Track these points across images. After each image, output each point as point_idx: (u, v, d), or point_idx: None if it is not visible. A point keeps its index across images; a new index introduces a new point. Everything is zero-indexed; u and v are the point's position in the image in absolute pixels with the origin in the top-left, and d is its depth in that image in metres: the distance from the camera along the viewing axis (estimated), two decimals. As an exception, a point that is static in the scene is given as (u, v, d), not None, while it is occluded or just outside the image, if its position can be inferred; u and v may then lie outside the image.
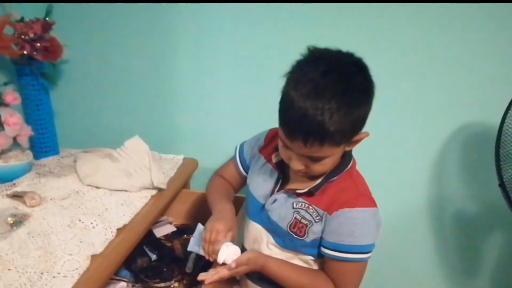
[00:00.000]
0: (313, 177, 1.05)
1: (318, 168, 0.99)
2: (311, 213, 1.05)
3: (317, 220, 1.04)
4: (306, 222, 1.05)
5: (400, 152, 1.56)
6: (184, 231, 1.51)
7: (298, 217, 1.07)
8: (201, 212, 1.10)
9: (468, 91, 1.44)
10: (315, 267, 1.13)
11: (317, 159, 0.96)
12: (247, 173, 1.26)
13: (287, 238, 1.09)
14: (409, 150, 1.55)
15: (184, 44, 1.58)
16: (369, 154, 1.53)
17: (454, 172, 1.56)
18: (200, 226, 1.12)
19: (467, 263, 1.69)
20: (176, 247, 1.45)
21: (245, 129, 1.35)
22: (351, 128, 0.93)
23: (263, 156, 1.19)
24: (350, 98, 0.89)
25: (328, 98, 0.86)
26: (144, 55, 1.62)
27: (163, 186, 1.36)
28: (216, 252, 1.04)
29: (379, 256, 1.70)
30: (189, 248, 1.12)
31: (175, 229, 1.51)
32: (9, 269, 0.95)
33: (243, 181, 1.29)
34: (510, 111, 1.20)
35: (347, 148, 1.03)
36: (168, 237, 1.49)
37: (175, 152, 1.65)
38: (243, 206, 1.26)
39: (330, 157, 0.97)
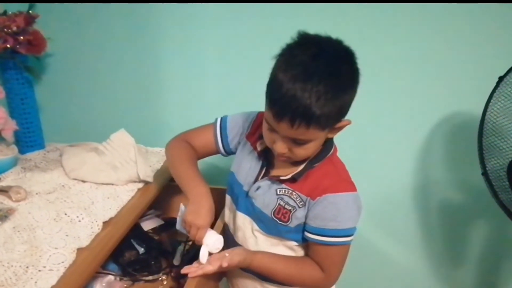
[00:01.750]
0: (295, 163, 1.06)
1: (301, 152, 1.00)
2: (295, 199, 1.06)
3: (300, 206, 1.06)
4: (290, 208, 1.07)
5: (385, 142, 1.58)
6: (171, 224, 1.50)
7: (281, 203, 1.08)
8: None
9: (452, 82, 1.46)
10: (300, 252, 1.14)
11: (301, 143, 0.97)
12: (224, 149, 1.24)
13: (271, 224, 1.10)
14: (393, 140, 1.58)
15: (172, 38, 1.58)
16: (354, 144, 1.56)
17: (438, 162, 1.58)
18: (182, 207, 1.13)
19: (453, 251, 1.72)
20: (164, 240, 1.45)
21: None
22: (337, 113, 0.95)
23: (250, 143, 1.18)
24: (337, 83, 0.91)
25: (316, 81, 0.88)
26: (130, 48, 1.61)
27: (150, 179, 1.36)
28: (201, 242, 1.06)
29: (364, 245, 1.73)
30: (177, 227, 1.15)
31: (162, 222, 1.51)
32: (-6, 264, 0.94)
33: (212, 153, 1.27)
34: (491, 102, 1.22)
35: (330, 135, 1.04)
36: (155, 230, 1.49)
37: (161, 145, 1.64)
38: (227, 195, 1.25)
39: (314, 141, 0.98)
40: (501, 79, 1.20)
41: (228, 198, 1.24)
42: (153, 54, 1.61)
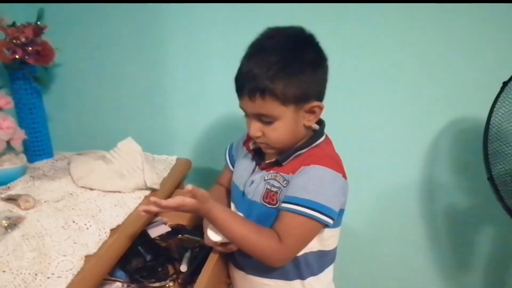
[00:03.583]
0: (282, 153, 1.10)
1: (272, 134, 1.04)
2: (279, 180, 1.08)
3: (284, 185, 1.07)
4: (276, 189, 1.08)
5: (391, 147, 1.59)
6: (178, 231, 1.51)
7: (268, 187, 1.10)
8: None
9: (456, 87, 1.47)
10: None
11: (268, 121, 1.02)
12: (233, 167, 1.30)
13: (262, 214, 1.10)
14: (399, 145, 1.58)
15: (177, 45, 1.59)
16: (359, 148, 1.56)
17: (444, 166, 1.58)
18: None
19: (459, 256, 1.71)
20: (170, 247, 1.46)
21: (238, 129, 1.36)
22: (294, 88, 0.98)
23: (245, 147, 1.24)
24: (290, 56, 0.98)
25: (267, 54, 0.98)
26: (137, 57, 1.63)
27: (156, 187, 1.37)
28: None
29: (370, 248, 1.74)
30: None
31: (169, 229, 1.51)
32: (3, 271, 0.95)
33: None
34: (495, 107, 1.22)
35: (305, 121, 1.06)
36: (162, 237, 1.50)
37: (168, 153, 1.66)
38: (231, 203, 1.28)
39: (280, 120, 1.02)
40: (505, 84, 1.20)
41: (232, 205, 1.26)
42: (159, 63, 1.62)
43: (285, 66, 0.96)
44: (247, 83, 1.00)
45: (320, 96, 1.06)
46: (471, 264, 1.70)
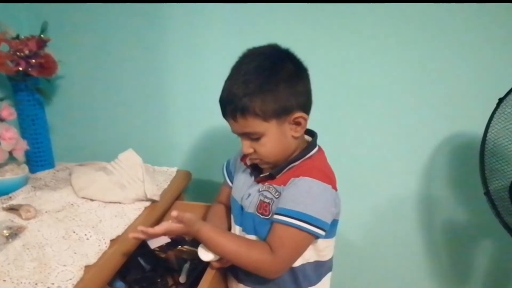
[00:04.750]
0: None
1: (262, 149, 1.07)
2: (271, 192, 1.10)
3: (276, 197, 1.08)
4: (268, 200, 1.10)
5: (388, 162, 1.59)
6: (178, 242, 1.51)
7: (261, 198, 1.12)
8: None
9: (453, 103, 1.48)
10: None
11: (255, 138, 1.05)
12: (232, 183, 1.31)
13: (257, 225, 1.12)
14: (397, 160, 1.59)
15: (178, 58, 1.61)
16: (356, 162, 1.56)
17: (442, 181, 1.59)
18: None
19: (457, 271, 1.71)
20: (170, 258, 1.46)
21: (239, 142, 1.36)
22: (272, 104, 1.01)
23: (243, 163, 1.25)
24: (265, 73, 1.00)
25: (242, 74, 1.01)
26: (138, 70, 1.65)
27: (156, 198, 1.38)
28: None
29: (368, 261, 1.74)
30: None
31: (169, 240, 1.51)
32: (4, 280, 0.96)
33: None
34: (492, 123, 1.23)
35: (293, 133, 1.08)
36: (162, 248, 1.50)
37: (169, 165, 1.68)
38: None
39: (266, 135, 1.04)
40: (501, 100, 1.22)
41: (232, 219, 1.27)
42: (161, 75, 1.64)
43: (261, 84, 0.99)
44: (228, 105, 1.03)
45: (303, 107, 1.07)
46: (469, 278, 1.70)
